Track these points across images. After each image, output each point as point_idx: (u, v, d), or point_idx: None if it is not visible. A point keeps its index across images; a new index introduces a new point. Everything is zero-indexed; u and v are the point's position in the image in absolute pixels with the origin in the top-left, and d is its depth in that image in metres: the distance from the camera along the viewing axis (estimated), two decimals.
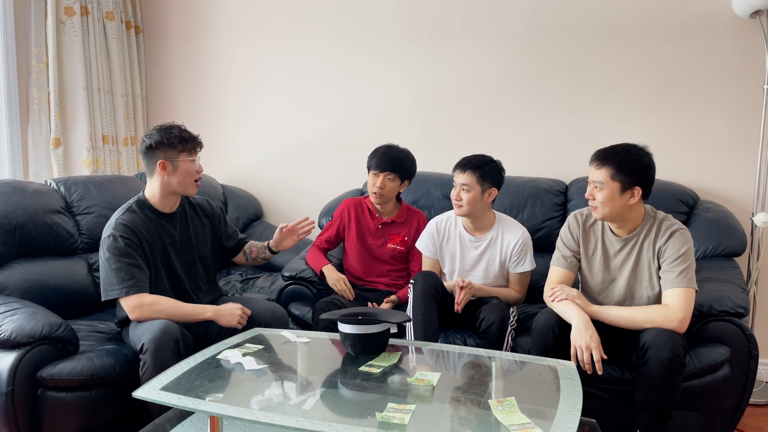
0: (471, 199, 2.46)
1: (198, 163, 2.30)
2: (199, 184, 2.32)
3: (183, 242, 2.36)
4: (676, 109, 3.06)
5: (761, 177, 2.90)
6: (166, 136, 2.22)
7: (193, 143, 2.27)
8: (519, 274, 2.56)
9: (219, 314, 2.23)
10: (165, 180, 2.25)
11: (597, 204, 2.11)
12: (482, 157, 2.52)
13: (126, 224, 2.20)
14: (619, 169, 2.06)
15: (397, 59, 3.44)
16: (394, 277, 2.81)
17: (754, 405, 2.74)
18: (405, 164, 2.75)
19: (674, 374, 1.94)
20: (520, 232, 2.54)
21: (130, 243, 2.17)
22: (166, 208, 2.32)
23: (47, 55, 3.17)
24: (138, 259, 2.19)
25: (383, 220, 2.80)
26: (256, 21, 3.66)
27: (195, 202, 2.47)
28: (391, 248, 2.79)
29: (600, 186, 2.09)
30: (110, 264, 2.16)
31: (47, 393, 2.05)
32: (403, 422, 1.47)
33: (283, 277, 2.87)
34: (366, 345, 1.91)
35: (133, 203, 2.29)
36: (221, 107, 3.79)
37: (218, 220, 2.52)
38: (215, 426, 1.64)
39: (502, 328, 2.33)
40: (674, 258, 2.07)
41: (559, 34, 3.18)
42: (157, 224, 2.29)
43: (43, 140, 3.21)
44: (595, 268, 2.23)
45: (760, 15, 2.76)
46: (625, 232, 2.18)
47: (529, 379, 1.87)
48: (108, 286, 2.17)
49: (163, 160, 2.22)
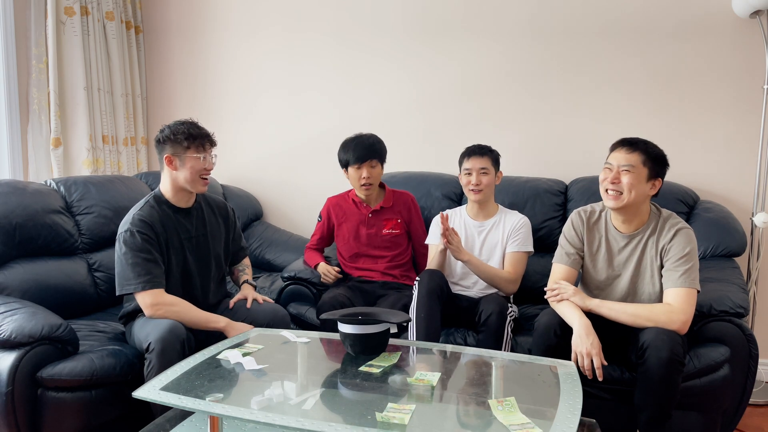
0: (489, 181, 2.59)
1: (208, 160, 2.28)
2: (208, 182, 2.32)
3: (199, 239, 2.36)
4: (676, 109, 3.06)
5: (761, 177, 2.90)
6: (174, 132, 2.23)
7: (201, 140, 2.26)
8: (515, 254, 2.58)
9: (231, 327, 2.23)
10: (173, 175, 2.26)
11: (623, 187, 2.09)
12: (485, 145, 2.67)
13: (143, 219, 2.21)
14: (650, 156, 2.10)
15: (397, 59, 3.44)
16: (390, 262, 2.81)
17: (754, 405, 2.75)
18: (380, 147, 2.78)
19: (673, 374, 1.93)
20: (521, 216, 2.66)
21: (147, 238, 2.18)
22: (181, 203, 2.32)
23: (47, 55, 3.17)
24: (154, 254, 2.19)
25: (373, 208, 2.81)
26: (257, 21, 3.66)
27: (211, 200, 2.48)
28: (387, 233, 2.80)
29: (630, 169, 2.09)
30: (127, 259, 2.17)
31: (47, 393, 2.05)
32: (403, 422, 1.47)
33: (283, 277, 2.87)
34: (366, 345, 1.91)
35: (150, 198, 2.30)
36: (221, 107, 3.79)
37: (232, 221, 2.53)
38: (215, 426, 1.64)
39: (500, 319, 2.34)
40: (678, 257, 2.06)
41: (560, 35, 3.18)
42: (174, 219, 2.29)
43: (43, 140, 3.21)
44: (599, 264, 2.23)
45: (760, 15, 2.77)
46: (631, 228, 2.18)
47: (529, 379, 1.87)
48: (124, 281, 2.18)
49: (170, 155, 2.23)
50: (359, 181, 2.74)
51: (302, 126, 3.65)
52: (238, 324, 2.25)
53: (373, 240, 2.81)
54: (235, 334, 2.20)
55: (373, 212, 2.81)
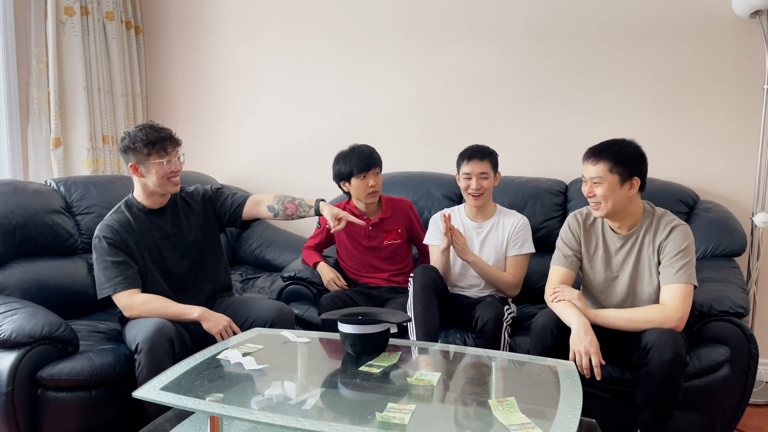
0: (489, 185, 2.58)
1: (173, 162, 2.24)
2: (179, 182, 2.29)
3: (176, 235, 2.36)
4: (676, 109, 3.05)
5: (761, 177, 2.90)
6: (132, 141, 2.21)
7: (161, 144, 2.20)
8: (516, 257, 2.58)
9: (205, 317, 2.20)
10: (142, 181, 2.27)
11: (599, 199, 2.11)
12: (484, 146, 2.63)
13: (109, 225, 2.25)
14: (616, 161, 2.08)
15: (397, 59, 3.43)
16: (395, 272, 2.81)
17: (754, 405, 2.74)
18: (378, 155, 2.75)
19: (677, 374, 1.94)
20: (520, 216, 2.64)
21: (112, 243, 2.22)
22: (154, 204, 2.33)
23: (47, 55, 3.17)
24: (123, 256, 2.22)
25: (372, 221, 2.77)
26: (257, 21, 3.66)
27: (186, 194, 2.44)
28: (388, 245, 2.79)
29: (599, 181, 2.09)
30: (98, 264, 2.24)
31: (47, 393, 2.05)
32: (403, 422, 1.47)
33: (283, 277, 2.87)
34: (366, 345, 1.91)
35: (121, 204, 2.33)
36: (221, 107, 3.79)
37: (208, 197, 2.43)
38: (215, 426, 1.64)
39: (497, 326, 2.33)
40: (675, 253, 2.07)
41: (560, 34, 3.18)
42: (147, 221, 2.31)
43: (43, 140, 3.21)
44: (597, 266, 2.23)
45: (760, 15, 2.76)
46: (625, 229, 2.18)
47: (529, 379, 1.87)
48: (99, 286, 2.23)
49: (134, 164, 2.23)
50: (366, 191, 2.69)
51: (302, 126, 3.65)
52: (212, 313, 2.22)
53: (375, 252, 2.80)
54: (208, 326, 2.19)
55: (373, 225, 2.78)
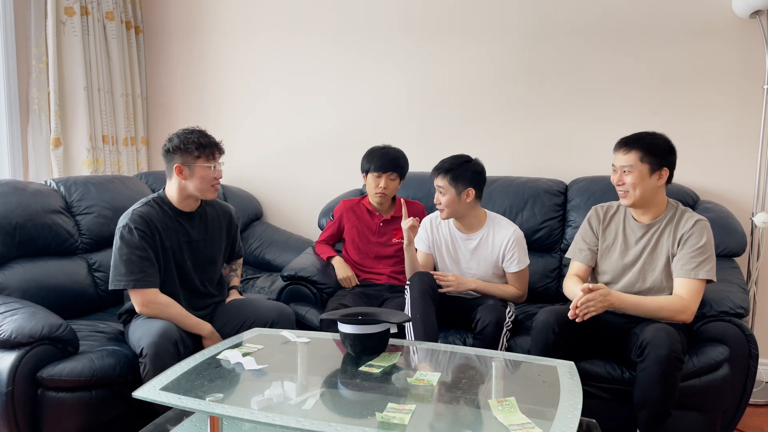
0: (448, 201, 2.48)
1: (217, 169, 2.29)
2: (218, 188, 2.33)
3: (199, 243, 2.36)
4: (676, 109, 3.05)
5: (761, 177, 2.90)
6: (183, 142, 2.23)
7: (211, 149, 2.26)
8: (516, 273, 2.57)
9: (211, 338, 2.25)
10: (182, 183, 2.26)
11: (627, 188, 2.16)
12: (457, 158, 2.52)
13: (143, 216, 2.21)
14: (647, 151, 2.13)
15: (396, 60, 3.44)
16: (397, 271, 2.83)
17: (754, 405, 2.74)
18: (403, 163, 2.83)
19: (672, 371, 1.94)
20: (510, 230, 2.54)
21: (143, 235, 2.18)
22: (186, 207, 2.33)
23: (47, 55, 3.17)
24: (149, 252, 2.19)
25: (384, 217, 2.86)
26: (256, 21, 3.66)
27: (216, 204, 2.47)
28: (396, 242, 2.83)
29: (629, 169, 2.14)
30: (121, 254, 2.17)
31: (47, 393, 2.05)
32: (403, 422, 1.47)
33: (283, 276, 2.87)
34: (366, 345, 1.91)
35: (152, 198, 2.30)
36: (221, 107, 3.79)
37: (234, 226, 2.54)
38: (215, 426, 1.64)
39: (497, 330, 2.34)
40: (696, 247, 2.11)
41: (559, 35, 3.18)
42: (175, 221, 2.30)
43: (43, 140, 3.21)
44: (613, 256, 2.28)
45: (760, 15, 2.76)
46: (649, 219, 2.22)
47: (529, 379, 1.87)
48: (116, 276, 2.19)
49: (180, 165, 2.23)
50: (374, 190, 2.78)
51: (302, 126, 3.65)
52: (219, 338, 2.26)
53: (382, 248, 2.85)
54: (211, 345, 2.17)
55: (384, 221, 2.86)
